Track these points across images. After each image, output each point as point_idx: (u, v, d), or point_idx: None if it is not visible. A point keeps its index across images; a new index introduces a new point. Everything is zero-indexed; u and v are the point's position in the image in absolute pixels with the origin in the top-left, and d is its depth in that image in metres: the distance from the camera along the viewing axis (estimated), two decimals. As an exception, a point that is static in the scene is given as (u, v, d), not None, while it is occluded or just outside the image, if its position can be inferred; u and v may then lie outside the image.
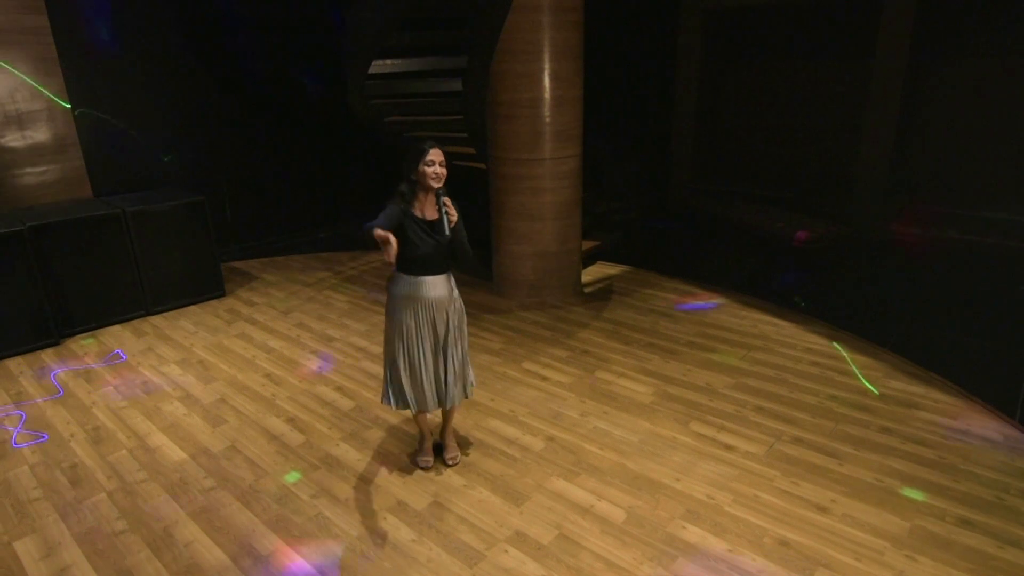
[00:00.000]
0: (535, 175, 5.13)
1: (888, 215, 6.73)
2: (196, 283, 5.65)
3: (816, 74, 7.06)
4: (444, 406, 3.19)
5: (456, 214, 2.91)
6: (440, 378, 3.12)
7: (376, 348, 4.71)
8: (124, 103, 6.01)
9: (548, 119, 4.99)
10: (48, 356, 4.70)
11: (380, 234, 2.62)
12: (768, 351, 4.47)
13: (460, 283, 3.15)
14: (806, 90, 7.17)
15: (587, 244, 6.16)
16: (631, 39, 7.72)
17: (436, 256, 2.94)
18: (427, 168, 2.85)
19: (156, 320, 5.35)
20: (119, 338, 5.00)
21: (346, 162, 7.83)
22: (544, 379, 4.21)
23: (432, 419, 3.46)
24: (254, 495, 3.15)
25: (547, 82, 4.90)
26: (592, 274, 6.17)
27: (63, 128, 5.51)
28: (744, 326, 4.88)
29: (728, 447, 3.41)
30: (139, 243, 5.22)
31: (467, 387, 3.25)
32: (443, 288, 3.01)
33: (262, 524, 2.95)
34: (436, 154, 2.87)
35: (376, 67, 5.24)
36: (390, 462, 3.39)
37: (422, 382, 3.07)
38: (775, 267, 6.22)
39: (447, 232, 2.86)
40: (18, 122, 5.27)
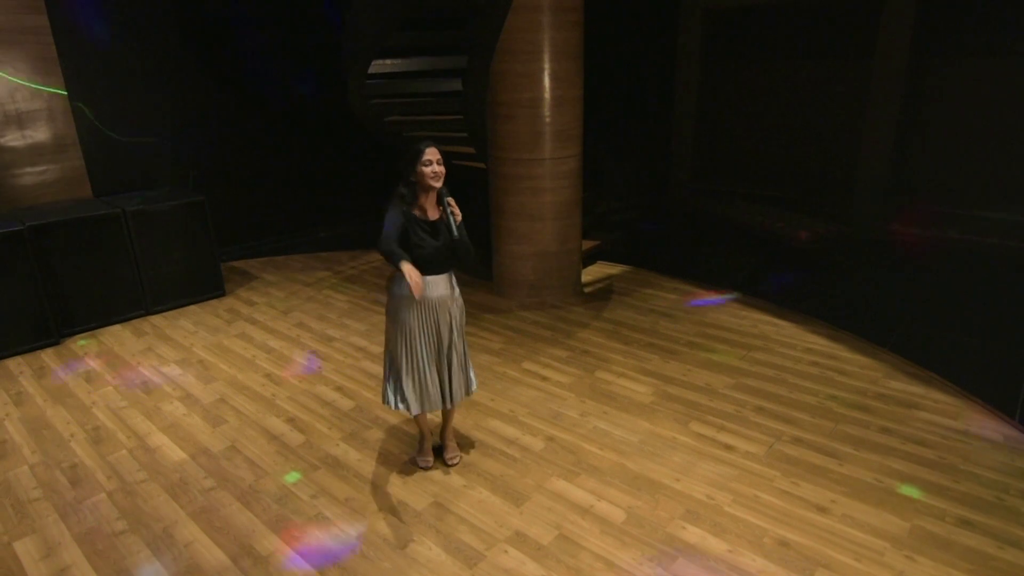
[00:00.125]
0: (535, 175, 5.13)
1: (888, 215, 6.73)
2: (196, 283, 5.65)
3: (816, 74, 7.06)
4: (445, 405, 3.18)
5: (460, 213, 2.91)
6: (443, 378, 3.12)
7: (376, 348, 4.71)
8: (124, 103, 6.01)
9: (548, 119, 4.99)
10: (48, 356, 4.71)
11: (410, 272, 2.66)
12: (768, 351, 4.47)
13: (460, 283, 3.14)
14: (806, 90, 7.17)
15: (587, 244, 6.16)
16: (631, 39, 7.72)
17: (438, 255, 2.94)
18: (425, 168, 2.84)
19: (156, 320, 5.35)
20: (119, 338, 5.00)
21: (346, 162, 7.82)
22: (544, 379, 4.21)
23: (432, 419, 3.46)
24: (254, 495, 3.15)
25: (547, 82, 4.90)
26: (592, 274, 6.17)
27: (63, 128, 5.51)
28: (744, 326, 4.88)
29: (728, 447, 3.41)
30: (139, 243, 5.22)
31: (469, 385, 3.25)
32: (445, 287, 3.01)
33: (262, 524, 2.95)
34: (433, 153, 2.85)
35: (376, 67, 5.25)
36: (390, 462, 3.39)
37: (425, 382, 3.06)
38: (775, 267, 6.22)
39: (455, 232, 2.86)
40: (18, 122, 5.27)
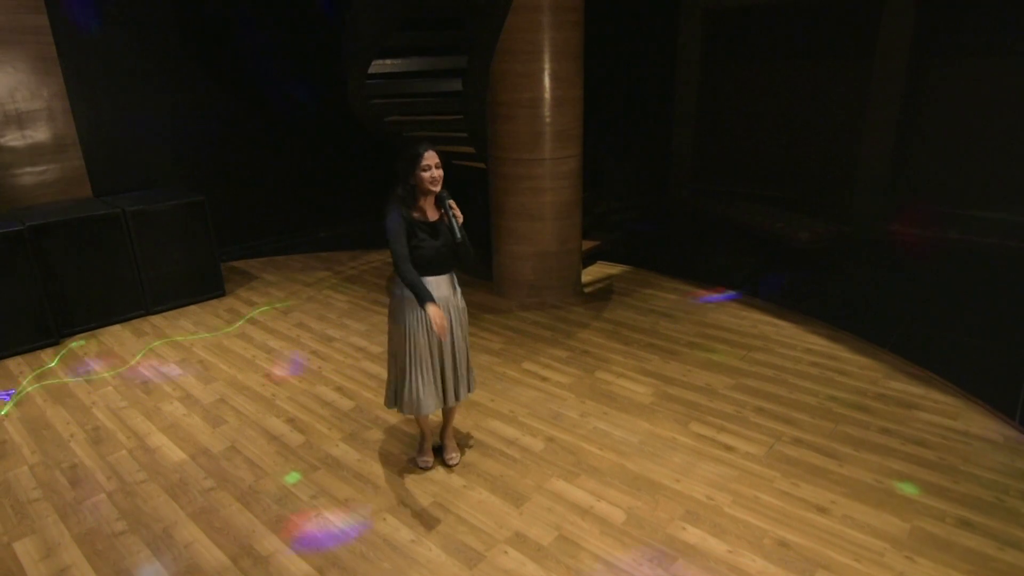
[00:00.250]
0: (535, 175, 5.13)
1: (888, 215, 6.73)
2: (196, 283, 5.64)
3: (816, 74, 7.06)
4: (446, 405, 3.18)
5: (461, 214, 2.91)
6: (445, 378, 3.11)
7: (376, 348, 4.71)
8: (124, 103, 6.01)
9: (548, 119, 4.99)
10: (48, 356, 4.71)
11: (435, 316, 2.73)
12: (768, 351, 4.47)
13: (460, 283, 3.14)
14: (806, 90, 7.16)
15: (587, 244, 6.16)
16: (631, 39, 7.72)
17: (439, 256, 2.93)
18: (424, 174, 2.82)
19: (156, 320, 5.35)
20: (119, 338, 5.00)
21: (346, 162, 7.82)
22: (544, 379, 4.20)
23: (432, 420, 3.46)
24: (254, 496, 3.15)
25: (547, 82, 4.90)
26: (592, 274, 6.17)
27: (63, 128, 5.50)
28: (744, 326, 4.88)
29: (728, 448, 3.41)
30: (139, 243, 5.22)
31: (470, 384, 3.24)
32: (447, 288, 3.01)
33: (262, 525, 2.95)
34: (431, 157, 2.83)
35: (376, 67, 5.24)
36: (390, 463, 3.39)
37: (427, 383, 3.05)
38: (775, 267, 6.22)
39: (458, 235, 2.86)
40: (18, 122, 5.27)
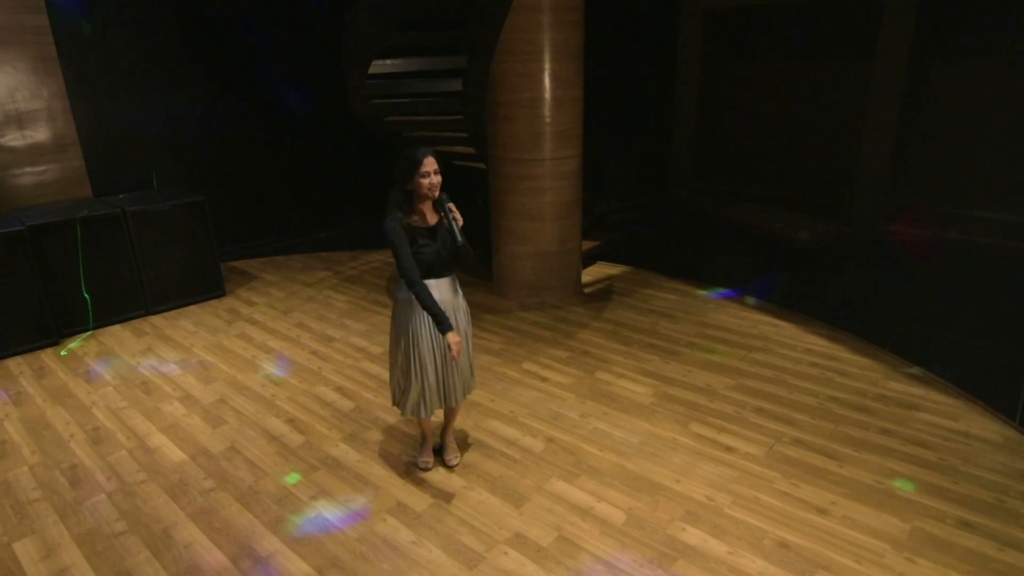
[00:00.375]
0: (535, 175, 5.13)
1: (888, 215, 6.73)
2: (196, 283, 5.64)
3: (816, 74, 7.05)
4: (447, 405, 3.17)
5: (461, 217, 2.90)
6: (448, 380, 3.11)
7: (376, 348, 4.71)
8: (124, 103, 6.01)
9: (548, 119, 4.99)
10: (48, 356, 4.70)
11: (453, 343, 2.82)
12: (768, 352, 4.47)
13: (460, 283, 3.14)
14: (806, 90, 7.16)
15: (587, 244, 6.16)
16: (631, 39, 7.71)
17: (439, 260, 2.92)
18: (423, 180, 2.80)
19: (156, 320, 5.34)
20: (119, 338, 5.00)
21: (346, 162, 7.82)
22: (544, 380, 4.20)
23: (433, 420, 3.45)
24: (254, 496, 3.15)
25: (547, 82, 4.90)
26: (592, 274, 6.17)
27: (63, 128, 5.50)
28: (744, 327, 4.88)
29: (728, 448, 3.41)
30: (139, 243, 5.22)
31: (471, 384, 3.24)
32: (448, 290, 3.00)
33: (262, 525, 2.95)
34: (430, 163, 2.80)
35: (376, 67, 5.24)
36: (390, 463, 3.39)
37: (431, 385, 3.05)
38: (775, 267, 6.21)
39: (459, 239, 2.86)
40: (18, 122, 5.26)
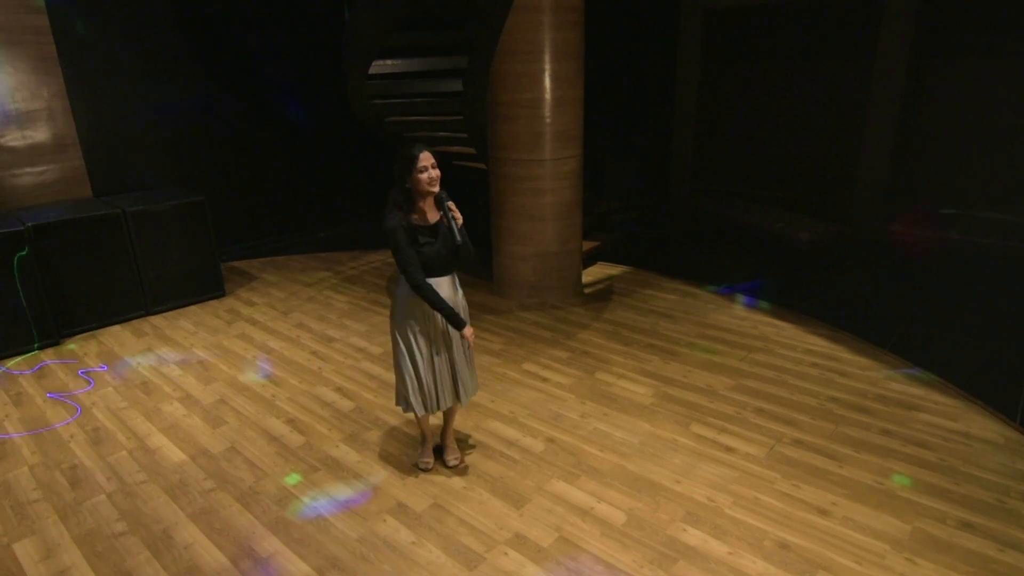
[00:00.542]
0: (535, 176, 5.13)
1: (888, 215, 6.72)
2: (196, 283, 5.64)
3: (816, 74, 7.05)
4: (448, 406, 3.17)
5: (461, 216, 2.90)
6: (448, 379, 3.11)
7: (376, 349, 4.71)
8: (124, 102, 6.01)
9: (548, 119, 4.98)
10: (48, 356, 4.70)
11: (470, 337, 3.01)
12: (768, 352, 4.46)
13: (460, 283, 3.13)
14: (806, 90, 7.15)
15: (587, 244, 6.16)
16: (631, 39, 7.71)
17: (440, 258, 2.92)
18: (421, 175, 2.79)
19: (156, 320, 5.34)
20: (119, 338, 5.00)
21: (346, 162, 7.82)
22: (544, 380, 4.20)
23: (433, 421, 3.45)
24: (254, 497, 3.15)
25: (547, 82, 4.90)
26: (592, 275, 6.16)
27: (63, 128, 5.50)
28: (744, 327, 4.88)
29: (728, 449, 3.41)
30: (139, 243, 5.21)
31: (473, 386, 3.24)
32: (448, 289, 2.99)
33: (262, 526, 2.95)
34: (426, 158, 2.80)
35: (376, 67, 5.24)
36: (390, 464, 3.39)
37: (429, 384, 3.06)
38: (775, 268, 6.21)
39: (459, 238, 2.86)
40: (18, 122, 5.26)
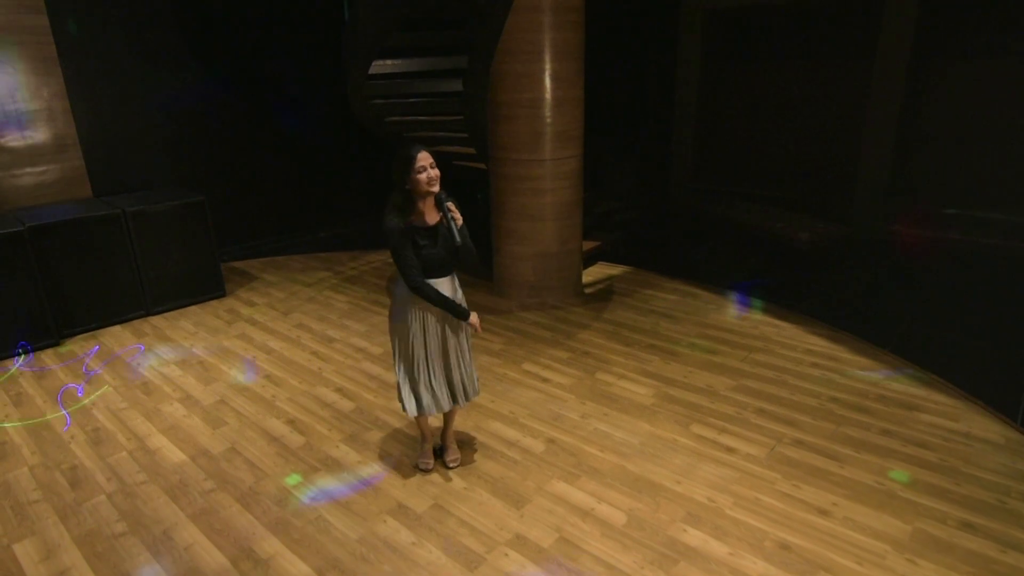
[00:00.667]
0: (536, 176, 5.13)
1: (889, 216, 6.72)
2: (196, 283, 5.64)
3: (817, 74, 7.05)
4: (449, 407, 3.17)
5: (461, 217, 2.89)
6: (448, 380, 3.11)
7: (377, 349, 4.70)
8: (124, 102, 6.00)
9: (549, 119, 4.98)
10: (48, 357, 4.70)
11: (476, 324, 3.06)
12: (769, 352, 4.46)
13: (460, 283, 3.13)
14: (807, 90, 7.15)
15: (588, 244, 6.15)
16: (631, 39, 7.71)
17: (439, 259, 2.92)
18: (420, 176, 2.78)
19: (156, 320, 5.34)
20: (119, 339, 4.99)
21: (346, 162, 7.82)
22: (544, 380, 4.20)
23: (433, 421, 3.45)
24: (254, 497, 3.14)
25: (548, 82, 4.89)
26: (593, 275, 6.16)
27: (63, 128, 5.50)
28: (745, 327, 4.88)
29: (729, 449, 3.41)
30: (139, 243, 5.21)
31: (474, 387, 3.23)
32: (448, 289, 2.99)
33: (262, 527, 2.94)
34: (425, 158, 2.78)
35: (376, 67, 5.23)
36: (390, 464, 3.38)
37: (429, 384, 3.05)
38: (775, 268, 6.21)
39: (458, 239, 2.85)
40: (18, 122, 5.26)
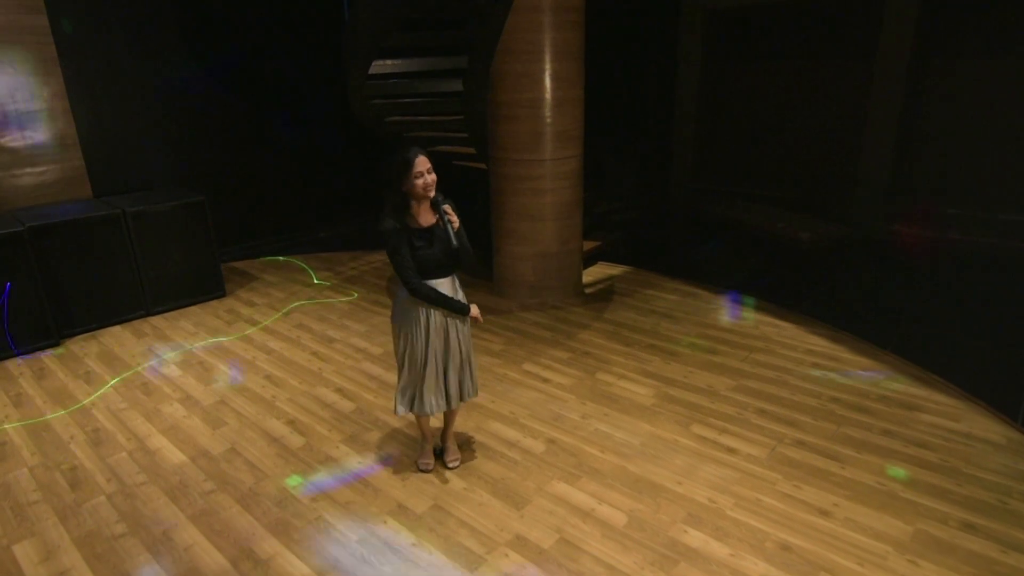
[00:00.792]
0: (536, 176, 5.12)
1: (890, 216, 6.72)
2: (196, 283, 5.63)
3: (817, 74, 7.04)
4: (449, 407, 3.17)
5: (458, 219, 2.88)
6: (448, 381, 3.10)
7: (377, 349, 4.70)
8: (124, 102, 6.00)
9: (549, 119, 4.98)
10: (48, 357, 4.69)
11: (478, 314, 3.06)
12: (769, 352, 4.46)
13: (460, 284, 3.13)
14: (807, 90, 7.15)
15: (588, 244, 6.15)
16: (631, 39, 7.70)
17: (437, 260, 2.91)
18: (417, 181, 2.77)
19: (156, 320, 5.33)
20: (119, 339, 4.99)
21: (346, 162, 7.81)
22: (545, 381, 4.19)
23: (433, 422, 3.45)
24: (254, 498, 3.14)
25: (548, 82, 4.89)
26: (593, 275, 6.15)
27: (63, 128, 5.49)
28: (745, 327, 4.87)
29: (730, 450, 3.40)
30: (139, 243, 5.21)
31: (473, 387, 3.23)
32: (449, 290, 2.98)
33: (262, 527, 2.94)
34: (423, 163, 2.76)
35: (376, 67, 5.23)
36: (390, 465, 3.38)
37: (430, 384, 3.05)
38: (776, 268, 6.21)
39: (454, 241, 2.84)
40: (18, 122, 5.25)
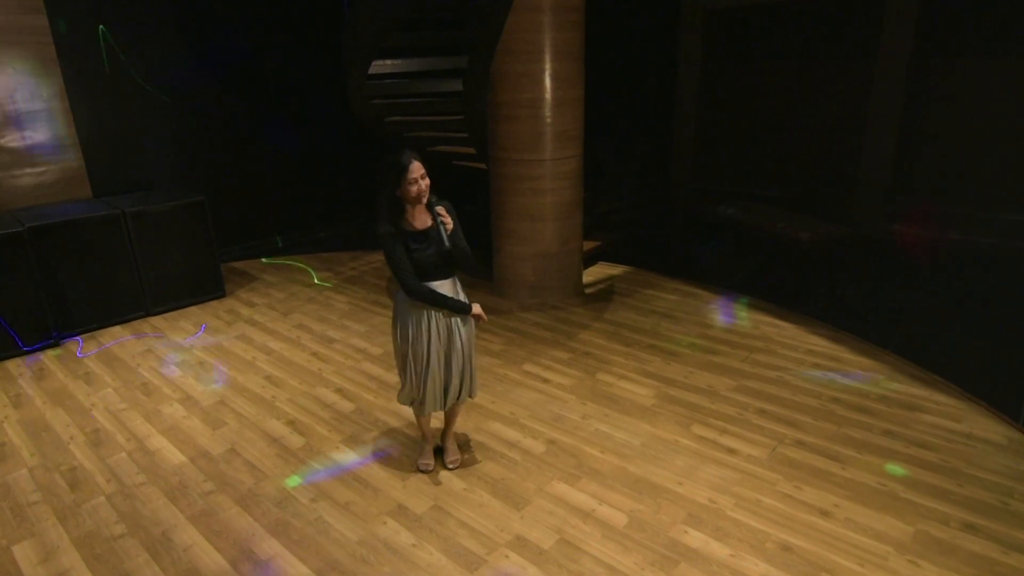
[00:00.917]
0: (536, 176, 5.12)
1: (890, 216, 6.71)
2: (196, 284, 5.63)
3: (818, 74, 7.04)
4: (448, 407, 3.17)
5: (452, 221, 2.88)
6: (449, 381, 3.10)
7: (377, 349, 4.70)
8: (124, 103, 6.00)
9: (549, 119, 4.97)
10: (47, 357, 4.69)
11: (480, 315, 3.05)
12: (770, 352, 4.45)
13: (460, 283, 3.12)
14: (808, 90, 7.14)
15: (588, 244, 6.14)
16: (631, 39, 7.70)
17: (433, 262, 2.90)
18: (411, 187, 2.77)
19: (156, 321, 5.33)
20: (119, 339, 4.98)
21: (346, 162, 7.81)
22: (545, 381, 4.19)
23: (433, 422, 3.44)
24: (254, 499, 3.13)
25: (548, 82, 4.88)
26: (593, 275, 6.15)
27: (63, 128, 5.49)
28: (745, 327, 4.86)
29: (730, 450, 3.40)
30: (139, 243, 5.20)
31: (473, 387, 3.22)
32: (450, 292, 2.98)
33: (262, 528, 2.93)
34: (416, 169, 2.76)
35: (376, 67, 5.23)
36: (390, 465, 3.37)
37: (430, 385, 3.05)
38: (776, 268, 6.20)
39: (445, 243, 2.84)
40: (18, 122, 5.25)
